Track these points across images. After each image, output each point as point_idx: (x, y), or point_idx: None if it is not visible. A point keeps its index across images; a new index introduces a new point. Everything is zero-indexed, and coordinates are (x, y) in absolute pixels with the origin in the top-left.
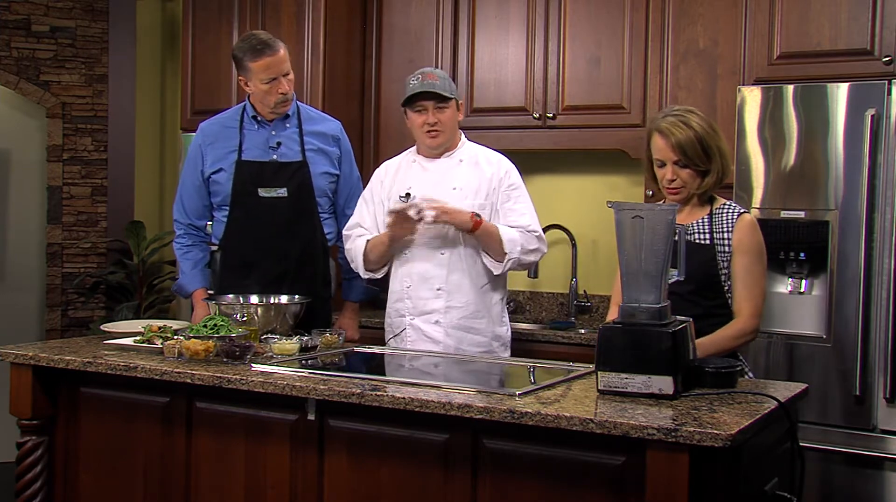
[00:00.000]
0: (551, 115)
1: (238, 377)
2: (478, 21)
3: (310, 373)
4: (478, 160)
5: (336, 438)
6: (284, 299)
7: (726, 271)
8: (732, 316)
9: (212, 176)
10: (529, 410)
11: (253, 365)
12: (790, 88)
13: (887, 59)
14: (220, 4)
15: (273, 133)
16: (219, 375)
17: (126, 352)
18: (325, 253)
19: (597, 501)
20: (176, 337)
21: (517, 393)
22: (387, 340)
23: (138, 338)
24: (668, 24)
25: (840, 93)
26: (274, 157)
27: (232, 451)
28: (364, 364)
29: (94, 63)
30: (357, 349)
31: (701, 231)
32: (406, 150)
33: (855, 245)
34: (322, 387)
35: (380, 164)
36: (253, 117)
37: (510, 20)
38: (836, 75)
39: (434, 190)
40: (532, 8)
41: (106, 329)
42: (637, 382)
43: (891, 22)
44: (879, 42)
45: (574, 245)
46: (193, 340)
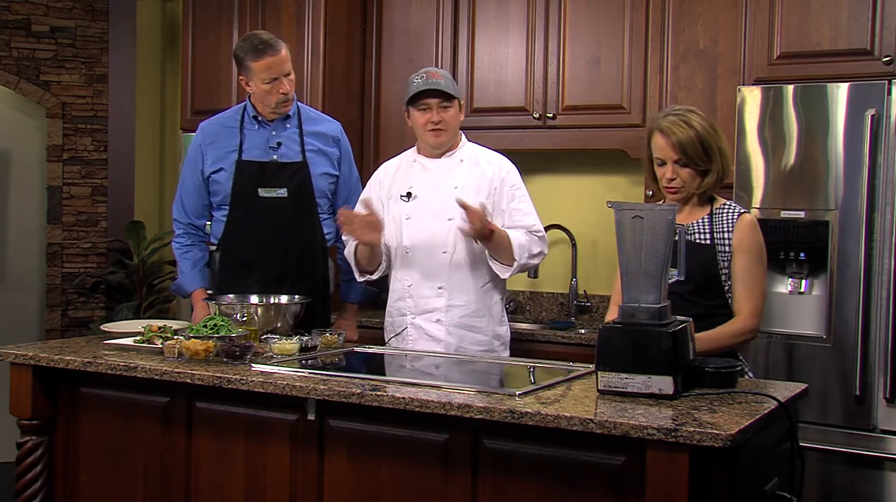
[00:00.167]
0: (551, 115)
1: (238, 377)
2: (478, 21)
3: (310, 373)
4: (478, 160)
5: (336, 438)
6: (284, 299)
7: (726, 271)
8: (732, 316)
9: (212, 175)
10: (529, 410)
11: (253, 365)
12: (790, 88)
13: (887, 59)
14: (220, 4)
15: (273, 133)
16: (219, 375)
17: (126, 352)
18: (325, 253)
19: (597, 501)
20: (176, 337)
21: (517, 393)
22: (387, 339)
23: (138, 338)
24: (668, 24)
25: (840, 93)
26: (274, 158)
27: (232, 451)
28: (364, 364)
29: (94, 63)
30: (357, 349)
31: (701, 231)
32: (405, 151)
33: (855, 245)
34: (322, 387)
35: (380, 164)
36: (253, 117)
37: (510, 20)
38: (836, 75)
39: (435, 189)
40: (532, 8)
41: (106, 329)
42: (637, 382)
43: (891, 22)
44: (879, 42)
45: (574, 245)
46: (193, 340)
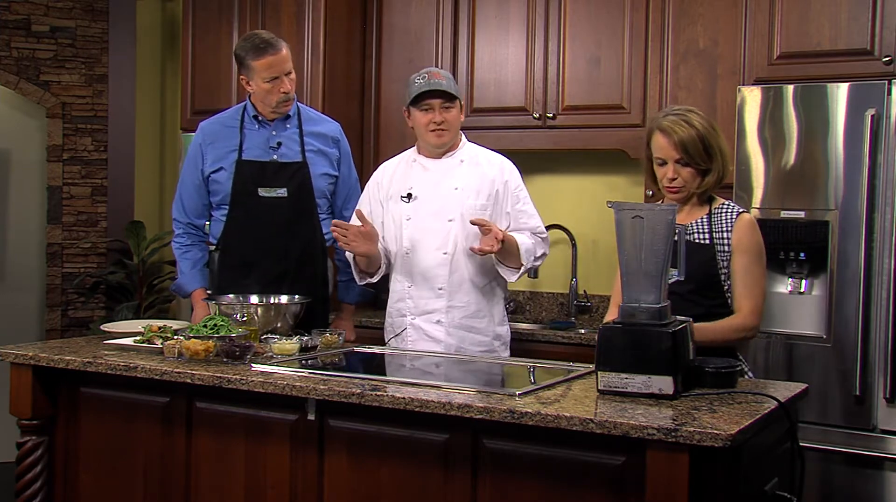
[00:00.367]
0: (551, 115)
1: (238, 377)
2: (478, 21)
3: (310, 373)
4: (479, 160)
5: (336, 438)
6: (284, 299)
7: (726, 271)
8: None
9: (212, 175)
10: (529, 410)
11: (253, 365)
12: (790, 88)
13: (887, 59)
14: (220, 4)
15: (273, 133)
16: (219, 375)
17: (126, 352)
18: (325, 253)
19: (597, 501)
20: (176, 337)
21: (517, 393)
22: (387, 340)
23: (138, 338)
24: (668, 24)
25: (840, 93)
26: (274, 157)
27: (232, 451)
28: (364, 364)
29: (94, 63)
30: (357, 349)
31: (700, 230)
32: (404, 151)
33: (855, 245)
34: (322, 387)
35: (380, 164)
36: (254, 117)
37: (510, 20)
38: (836, 75)
39: (435, 190)
40: (532, 8)
41: (106, 329)
42: (637, 382)
43: (891, 22)
44: (879, 42)
45: (574, 245)
46: (193, 340)
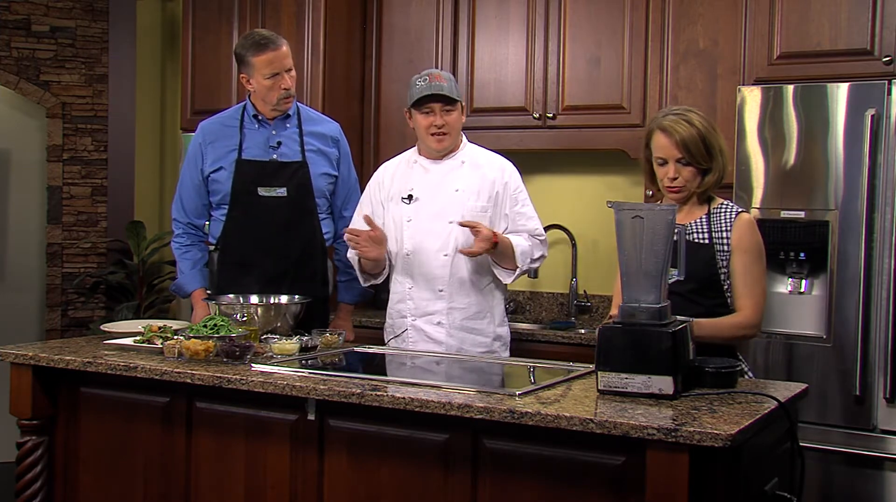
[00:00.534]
0: (551, 115)
1: (238, 377)
2: (478, 21)
3: (310, 373)
4: (479, 162)
5: (336, 438)
6: (284, 299)
7: (725, 270)
8: None
9: (211, 174)
10: (529, 410)
11: (253, 365)
12: (790, 88)
13: (887, 59)
14: (220, 4)
15: (273, 132)
16: (219, 375)
17: (126, 352)
18: (324, 253)
19: (597, 501)
20: (176, 337)
21: (517, 393)
22: (387, 341)
23: (138, 338)
24: (668, 24)
25: (840, 93)
26: (274, 157)
27: (232, 451)
28: (364, 364)
29: (94, 63)
30: (357, 349)
31: (699, 230)
32: (405, 151)
33: (855, 245)
34: (322, 387)
35: (380, 164)
36: (254, 116)
37: (510, 20)
38: (836, 75)
39: (436, 191)
40: (532, 8)
41: (106, 329)
42: (637, 382)
43: (891, 22)
44: (879, 42)
45: (574, 245)
46: (193, 340)
